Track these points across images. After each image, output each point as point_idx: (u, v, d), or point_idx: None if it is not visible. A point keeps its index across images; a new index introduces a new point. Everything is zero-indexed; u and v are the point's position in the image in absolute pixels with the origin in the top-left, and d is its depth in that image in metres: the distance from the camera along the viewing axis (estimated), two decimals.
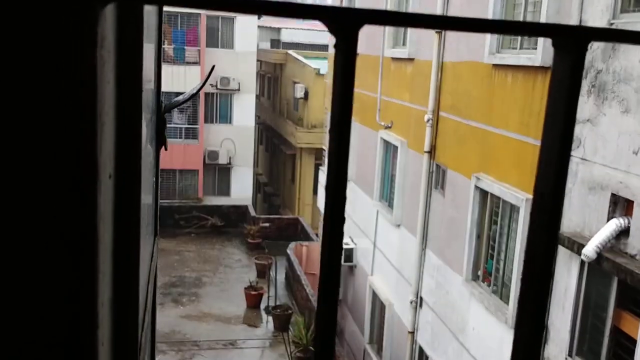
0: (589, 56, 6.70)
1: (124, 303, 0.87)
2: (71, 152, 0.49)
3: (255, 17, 27.35)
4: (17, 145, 0.48)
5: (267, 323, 17.55)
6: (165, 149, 1.93)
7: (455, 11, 10.06)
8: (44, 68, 0.47)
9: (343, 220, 0.40)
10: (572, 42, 0.40)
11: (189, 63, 25.90)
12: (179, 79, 25.16)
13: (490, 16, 8.74)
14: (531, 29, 0.43)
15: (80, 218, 0.51)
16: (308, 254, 20.21)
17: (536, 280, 0.45)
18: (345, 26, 0.37)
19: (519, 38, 8.35)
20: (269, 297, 18.24)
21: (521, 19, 8.30)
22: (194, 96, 3.13)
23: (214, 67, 3.45)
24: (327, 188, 0.41)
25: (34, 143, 0.48)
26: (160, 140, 1.83)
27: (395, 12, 0.39)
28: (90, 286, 0.53)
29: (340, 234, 0.40)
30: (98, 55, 0.49)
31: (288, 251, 20.04)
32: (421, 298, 11.21)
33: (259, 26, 29.57)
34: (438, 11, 10.36)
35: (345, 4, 15.99)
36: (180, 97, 2.94)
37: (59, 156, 0.49)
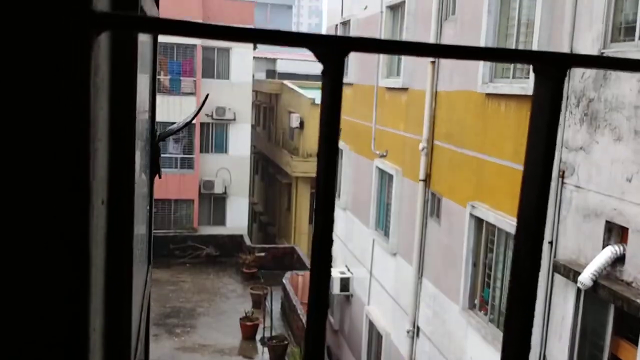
0: (580, 85, 6.78)
1: (116, 330, 0.87)
2: (64, 177, 0.50)
3: (251, 48, 27.62)
4: (10, 167, 0.49)
5: (263, 354, 17.34)
6: (159, 177, 1.93)
7: (448, 40, 10.20)
8: (39, 93, 0.48)
9: (331, 242, 0.41)
10: (551, 68, 0.41)
11: (184, 93, 26.06)
12: (175, 109, 25.28)
13: (485, 12, 8.86)
14: (512, 56, 0.44)
15: (72, 242, 0.51)
16: (304, 283, 20.08)
17: (522, 302, 0.45)
18: (332, 53, 0.38)
19: (512, 67, 8.46)
20: (264, 327, 18.05)
21: (516, 15, 8.41)
22: (188, 124, 3.14)
23: (207, 95, 3.47)
24: (316, 211, 0.42)
25: (28, 166, 0.48)
26: (154, 169, 1.84)
27: (380, 39, 0.40)
28: (81, 311, 0.53)
29: (329, 254, 0.41)
30: (92, 82, 0.50)
31: (284, 281, 19.91)
32: (418, 327, 11.12)
33: (254, 57, 29.86)
34: (431, 40, 10.49)
35: (340, 33, 16.17)
36: (175, 126, 2.96)
37: (51, 180, 0.50)
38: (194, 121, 26.11)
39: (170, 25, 0.38)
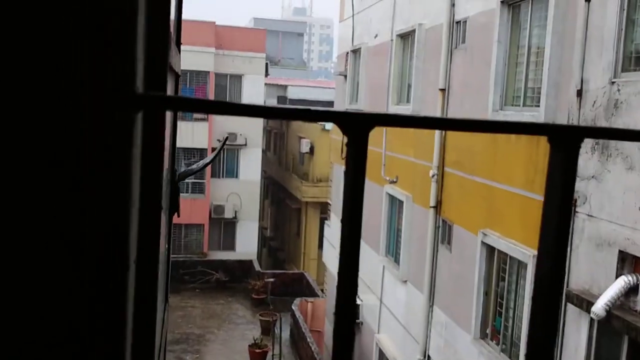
0: (592, 113, 6.78)
1: None
2: (105, 243, 0.54)
3: (263, 74, 27.91)
4: (57, 234, 0.53)
5: None
6: (178, 216, 1.96)
7: (458, 71, 10.26)
8: (89, 168, 0.53)
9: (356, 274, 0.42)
10: (565, 139, 0.43)
11: (196, 119, 26.30)
12: (187, 135, 25.49)
13: (492, 76, 8.90)
14: (527, 128, 0.45)
15: (111, 305, 0.55)
16: (313, 310, 19.94)
17: (543, 337, 0.46)
18: (357, 128, 0.41)
19: (522, 96, 8.48)
20: (273, 355, 17.89)
21: (523, 78, 8.44)
22: (207, 165, 3.23)
23: (227, 137, 3.54)
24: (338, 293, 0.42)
25: (75, 239, 0.53)
26: (173, 208, 1.86)
27: (401, 115, 0.42)
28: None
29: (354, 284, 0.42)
30: (132, 155, 0.56)
31: (293, 307, 19.78)
32: (429, 356, 10.99)
33: (265, 83, 30.14)
34: (441, 69, 10.55)
35: (350, 61, 16.32)
36: (195, 166, 3.02)
37: (91, 248, 0.54)
38: (206, 146, 26.29)
39: (198, 105, 0.40)
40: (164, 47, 0.95)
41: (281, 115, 0.41)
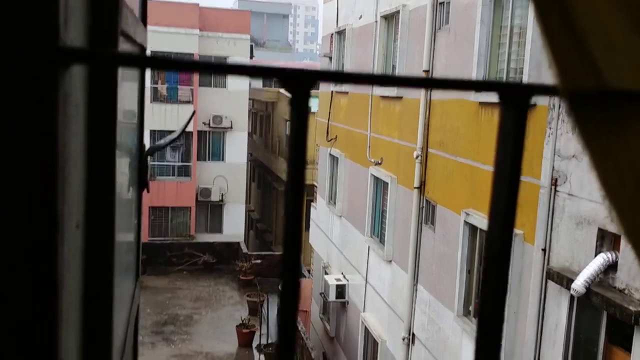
0: None
1: (95, 350, 0.90)
2: (31, 204, 0.54)
3: (247, 57, 27.72)
4: None
5: None
6: (147, 192, 1.99)
7: (441, 52, 10.29)
8: (7, 123, 0.52)
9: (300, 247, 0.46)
10: (515, 96, 0.46)
11: (181, 102, 26.13)
12: (172, 118, 25.34)
13: (475, 57, 8.95)
14: (479, 85, 0.48)
15: (40, 268, 0.54)
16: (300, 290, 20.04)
17: (495, 289, 0.50)
18: (299, 84, 0.43)
19: (505, 76, 8.54)
20: (261, 334, 18.04)
21: (505, 58, 8.49)
22: (175, 141, 3.21)
23: (194, 112, 3.55)
24: (284, 235, 0.47)
25: None
26: (142, 184, 1.89)
27: (342, 72, 0.45)
28: (50, 335, 0.56)
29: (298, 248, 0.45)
30: (61, 111, 0.53)
31: (280, 288, 19.88)
32: (413, 334, 11.15)
33: None
34: (425, 50, 10.58)
35: (335, 42, 16.28)
36: (162, 141, 3.03)
37: (18, 209, 0.53)
38: (191, 129, 26.14)
39: (131, 61, 0.42)
40: (114, 9, 0.93)
41: (219, 70, 0.44)
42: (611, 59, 0.44)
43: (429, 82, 0.53)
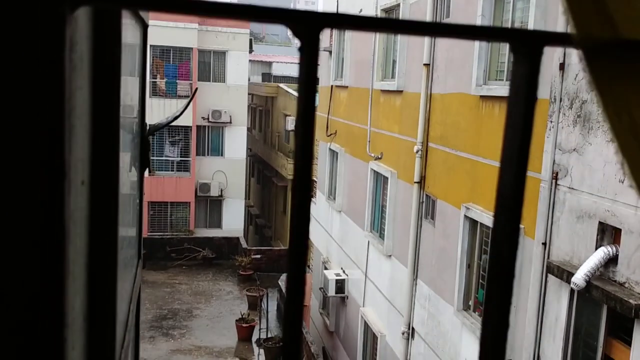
0: (574, 87, 6.83)
1: (99, 310, 0.88)
2: (38, 153, 0.51)
3: (247, 51, 27.65)
4: None
5: (259, 356, 17.34)
6: (150, 172, 1.97)
7: (442, 46, 10.24)
8: (8, 69, 0.49)
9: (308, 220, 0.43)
10: (528, 45, 0.43)
11: (180, 96, 26.07)
12: (171, 112, 25.25)
13: (476, 50, 8.91)
14: (488, 33, 0.45)
15: (47, 217, 0.52)
16: None
17: (501, 284, 0.47)
18: (308, 28, 0.40)
19: (505, 70, 8.50)
20: (260, 329, 18.05)
21: (506, 52, 8.46)
22: (177, 118, 3.17)
23: (197, 89, 3.52)
24: (293, 189, 0.44)
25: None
26: (144, 162, 1.87)
27: (352, 15, 0.42)
28: (57, 288, 0.54)
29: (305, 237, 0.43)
30: (66, 58, 0.51)
31: (280, 283, 19.93)
32: (413, 329, 11.15)
33: (250, 60, 29.87)
34: (426, 44, 10.54)
35: (335, 35, 16.23)
36: (164, 120, 3.00)
37: (24, 158, 0.51)
38: (190, 124, 26.08)
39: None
40: None
41: (222, 12, 0.40)
42: (627, 11, 0.43)
43: (436, 27, 0.48)
